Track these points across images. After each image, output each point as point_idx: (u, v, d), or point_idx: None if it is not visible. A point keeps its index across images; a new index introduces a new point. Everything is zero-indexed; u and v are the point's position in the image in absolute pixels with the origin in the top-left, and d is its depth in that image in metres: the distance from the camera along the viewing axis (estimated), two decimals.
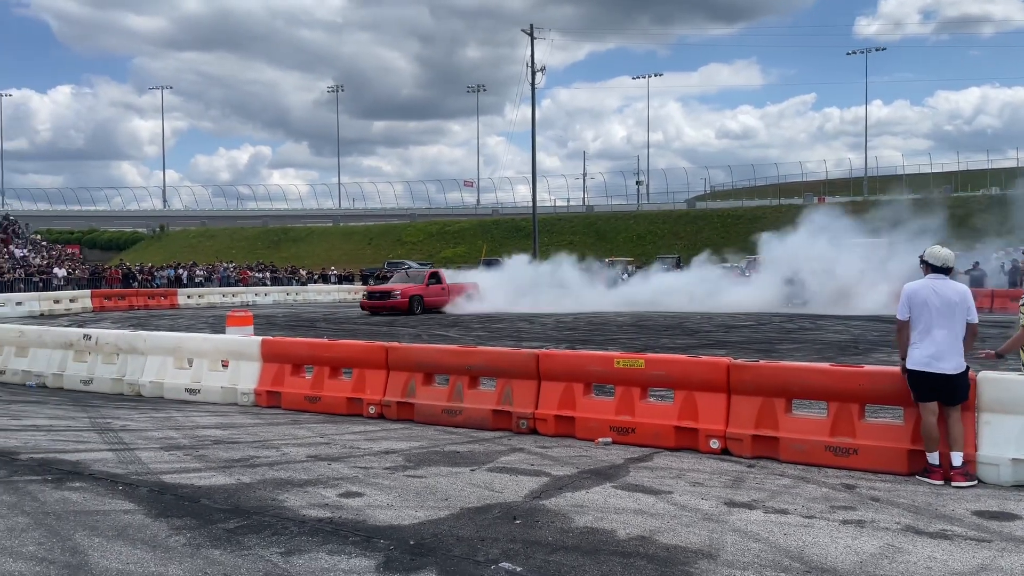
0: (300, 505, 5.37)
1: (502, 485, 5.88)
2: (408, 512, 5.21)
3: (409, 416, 8.48)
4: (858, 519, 5.06)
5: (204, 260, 51.65)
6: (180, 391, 10.13)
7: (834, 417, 6.51)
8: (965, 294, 6.01)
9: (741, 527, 4.90)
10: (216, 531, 4.83)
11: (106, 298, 32.99)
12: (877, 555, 4.42)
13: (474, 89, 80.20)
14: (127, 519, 5.09)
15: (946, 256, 6.12)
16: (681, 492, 5.70)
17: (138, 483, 5.96)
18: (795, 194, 62.09)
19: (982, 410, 6.00)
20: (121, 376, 10.71)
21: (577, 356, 8.07)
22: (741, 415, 6.85)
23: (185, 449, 7.14)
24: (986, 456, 5.91)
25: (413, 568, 4.23)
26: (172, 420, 8.65)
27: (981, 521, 5.03)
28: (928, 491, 5.72)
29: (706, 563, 4.29)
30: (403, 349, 8.90)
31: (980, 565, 4.27)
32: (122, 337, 11.10)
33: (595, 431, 7.42)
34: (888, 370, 6.73)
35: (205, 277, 43.84)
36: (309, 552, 4.47)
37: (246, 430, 8.07)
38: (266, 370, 9.63)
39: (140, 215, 79.96)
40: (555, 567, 4.23)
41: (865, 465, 6.28)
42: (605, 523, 4.97)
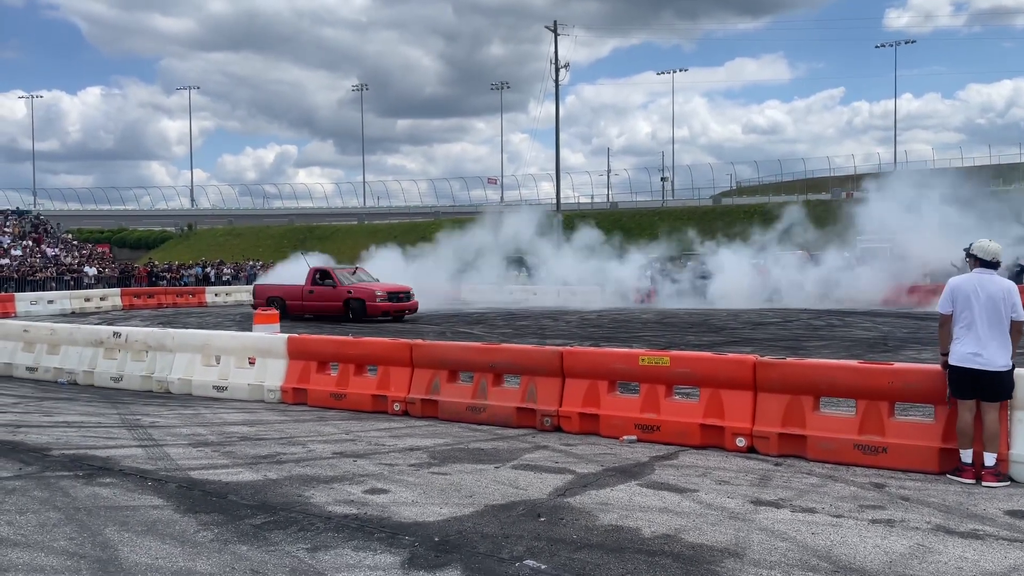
0: (326, 501, 5.40)
1: (526, 482, 5.87)
2: (433, 509, 5.23)
3: (433, 413, 8.51)
4: (887, 518, 5.00)
5: (231, 258, 52.16)
6: (208, 388, 10.24)
7: (863, 415, 6.42)
8: (1011, 290, 5.88)
9: (768, 526, 4.86)
10: (243, 527, 4.88)
11: (135, 296, 33.42)
12: (907, 555, 4.36)
13: (498, 86, 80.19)
14: (156, 514, 5.15)
15: (995, 250, 5.98)
16: (707, 490, 5.66)
17: (167, 479, 6.03)
18: (822, 189, 61.37)
19: (1016, 408, 5.89)
20: (150, 373, 10.84)
21: (601, 354, 8.05)
22: (768, 413, 6.79)
23: (213, 445, 7.22)
24: (1018, 455, 5.80)
25: (438, 565, 4.24)
26: (200, 417, 8.75)
27: (1014, 521, 4.94)
28: (959, 490, 5.63)
29: (732, 562, 4.26)
30: (427, 346, 8.93)
31: (1012, 565, 4.19)
32: (151, 335, 11.24)
33: (620, 429, 7.39)
34: (918, 367, 6.63)
35: (232, 275, 44.30)
36: (335, 548, 4.49)
37: (272, 427, 8.14)
38: (292, 367, 9.70)
39: (168, 214, 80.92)
40: (580, 565, 4.22)
41: (895, 464, 6.19)
42: (630, 521, 4.95)
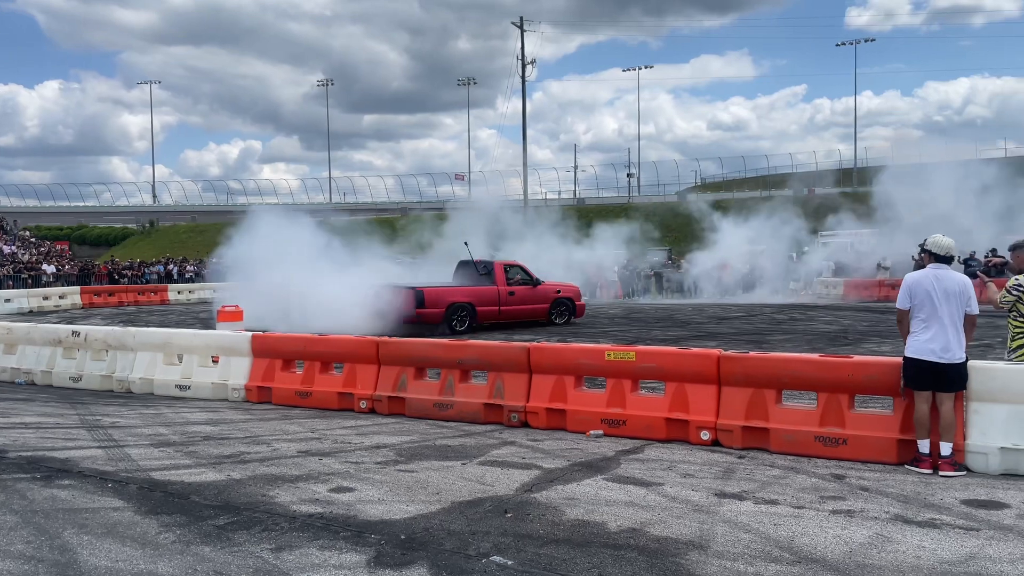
0: (291, 501, 5.36)
1: (493, 478, 5.88)
2: (399, 506, 5.21)
3: (400, 410, 8.47)
4: (847, 509, 5.09)
5: (194, 255, 51.38)
6: (170, 387, 10.10)
7: (824, 407, 6.53)
8: (966, 284, 6.02)
9: (731, 518, 4.92)
10: (206, 528, 4.82)
11: (95, 294, 32.78)
12: (866, 544, 4.44)
13: (465, 82, 79.96)
14: (116, 516, 5.07)
15: (948, 245, 6.13)
16: (672, 484, 5.71)
17: (128, 480, 5.93)
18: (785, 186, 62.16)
19: (971, 399, 6.03)
20: (110, 373, 10.66)
21: (568, 349, 8.08)
22: (731, 406, 6.87)
23: (175, 446, 7.12)
24: (974, 445, 5.94)
25: (404, 562, 4.22)
26: (162, 416, 8.62)
27: (970, 510, 5.06)
28: (917, 480, 5.75)
29: (697, 554, 4.30)
30: (394, 343, 8.89)
31: (968, 554, 4.29)
32: (111, 333, 11.04)
33: (586, 424, 7.43)
34: (877, 360, 6.75)
35: (196, 272, 43.66)
36: (300, 548, 4.46)
37: (236, 426, 8.05)
38: (256, 365, 9.60)
39: (130, 210, 79.45)
40: (546, 560, 4.24)
41: (854, 455, 6.30)
42: (596, 515, 4.98)
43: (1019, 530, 4.66)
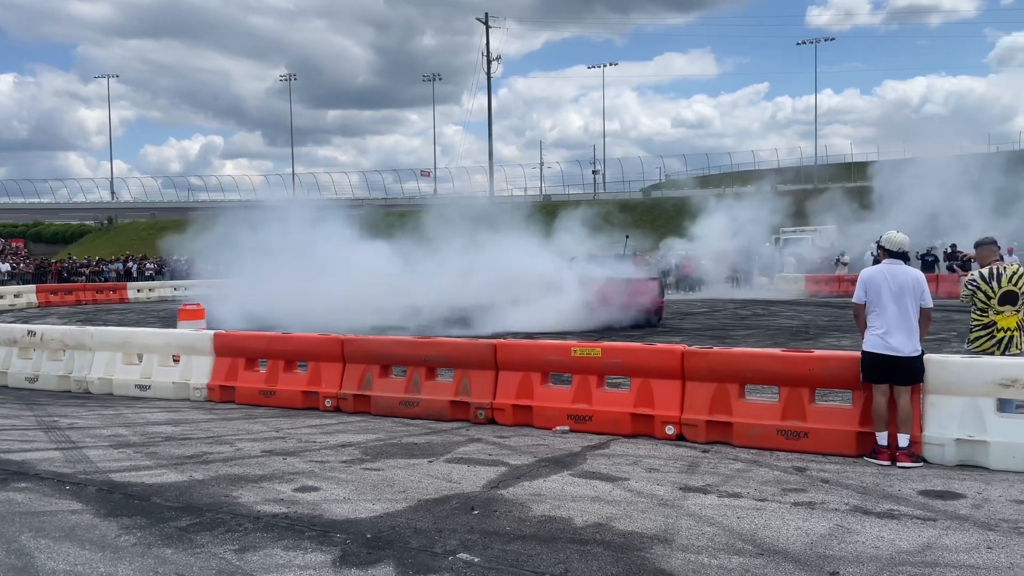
0: (255, 501, 5.30)
1: (460, 476, 5.87)
2: (365, 505, 5.18)
3: (366, 409, 8.42)
4: (808, 501, 5.17)
5: (154, 253, 50.51)
6: (130, 387, 9.92)
7: (785, 401, 6.63)
8: (919, 279, 6.16)
9: (696, 511, 4.97)
10: (168, 529, 4.75)
11: (52, 293, 32.08)
12: (827, 536, 4.52)
13: (430, 78, 79.64)
14: (75, 519, 4.97)
15: (901, 241, 6.27)
16: (637, 478, 5.76)
17: (86, 482, 5.82)
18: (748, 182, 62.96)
19: (927, 392, 6.17)
20: (68, 373, 10.45)
21: (534, 346, 8.10)
22: (696, 401, 6.94)
23: (135, 447, 7.00)
24: (931, 437, 6.08)
25: (370, 561, 4.20)
26: (122, 417, 8.46)
27: (926, 500, 5.18)
28: (876, 472, 5.86)
29: (661, 548, 4.34)
30: (359, 341, 8.83)
31: (926, 544, 4.39)
32: (68, 333, 10.82)
33: (553, 420, 7.45)
34: (837, 354, 6.88)
35: (156, 270, 42.92)
36: (264, 548, 4.41)
37: (199, 426, 7.94)
38: (219, 364, 9.47)
39: (87, 207, 77.79)
40: (512, 556, 4.25)
41: (815, 448, 6.41)
42: (562, 511, 5.00)
43: (974, 520, 4.78)
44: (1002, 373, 5.91)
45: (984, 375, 5.97)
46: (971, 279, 6.68)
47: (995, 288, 6.47)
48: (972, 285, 6.62)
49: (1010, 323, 6.46)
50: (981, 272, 6.63)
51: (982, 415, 5.94)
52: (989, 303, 6.51)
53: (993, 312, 6.51)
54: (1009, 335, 6.47)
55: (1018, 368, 5.91)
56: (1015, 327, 6.48)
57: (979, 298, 6.56)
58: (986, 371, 5.99)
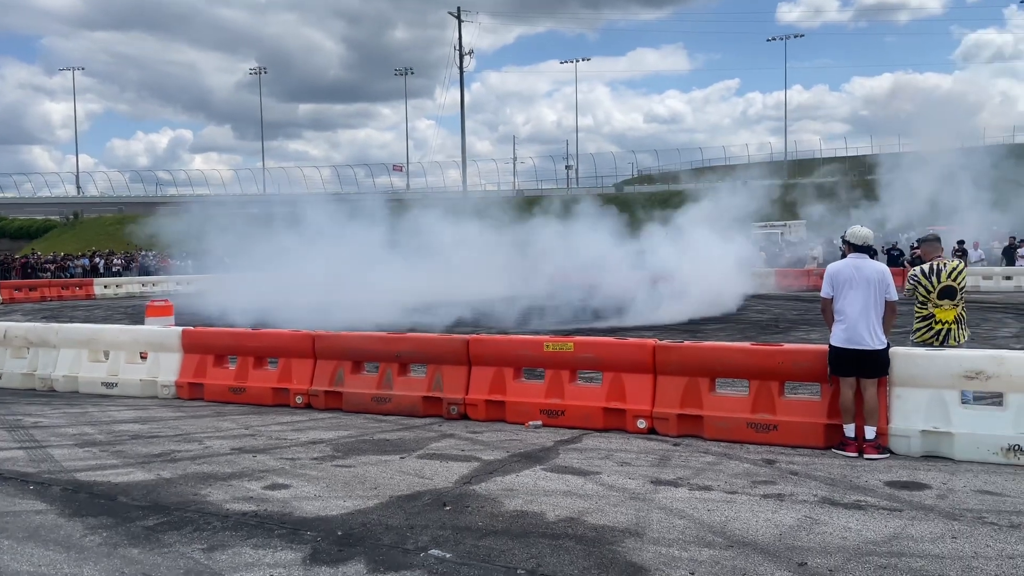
0: (223, 499, 5.24)
1: (432, 472, 5.86)
2: (336, 502, 5.14)
3: (337, 405, 8.37)
4: (778, 493, 5.23)
5: (122, 248, 49.75)
6: (96, 385, 9.76)
7: (755, 395, 6.69)
8: (884, 272, 6.25)
9: (667, 504, 5.00)
10: (134, 529, 4.68)
11: (16, 289, 31.45)
12: (795, 527, 4.57)
13: (402, 72, 79.20)
14: (39, 520, 4.88)
15: (866, 235, 6.37)
16: (609, 472, 5.78)
17: (51, 482, 5.72)
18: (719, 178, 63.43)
19: (894, 384, 6.26)
20: (32, 370, 10.25)
21: (507, 341, 8.09)
22: (667, 395, 6.98)
23: (101, 445, 6.89)
24: (897, 428, 6.17)
25: (341, 559, 4.17)
26: (87, 415, 8.33)
27: (893, 491, 5.26)
28: (843, 463, 5.94)
29: (633, 541, 4.36)
30: (330, 337, 8.76)
31: (892, 534, 4.46)
32: (32, 330, 10.62)
33: (525, 415, 7.46)
34: (806, 348, 6.95)
35: (123, 266, 42.25)
36: (233, 547, 4.36)
37: (166, 424, 7.83)
38: (187, 361, 9.35)
39: (52, 202, 76.36)
40: (485, 552, 4.24)
41: (784, 440, 6.48)
42: (535, 506, 5.01)
43: (939, 510, 4.86)
44: (966, 365, 6.02)
45: (949, 367, 6.08)
46: (913, 274, 6.88)
47: (934, 283, 6.67)
48: (914, 280, 6.82)
49: (948, 316, 6.65)
50: (922, 268, 6.83)
51: (947, 407, 6.04)
52: (929, 297, 6.70)
53: (932, 306, 6.71)
54: (947, 328, 6.67)
55: (982, 360, 6.02)
56: (952, 320, 6.70)
57: (920, 292, 6.75)
58: (951, 363, 6.09)
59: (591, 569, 4.00)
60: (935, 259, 6.82)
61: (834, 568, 3.97)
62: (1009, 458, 5.80)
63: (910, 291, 6.86)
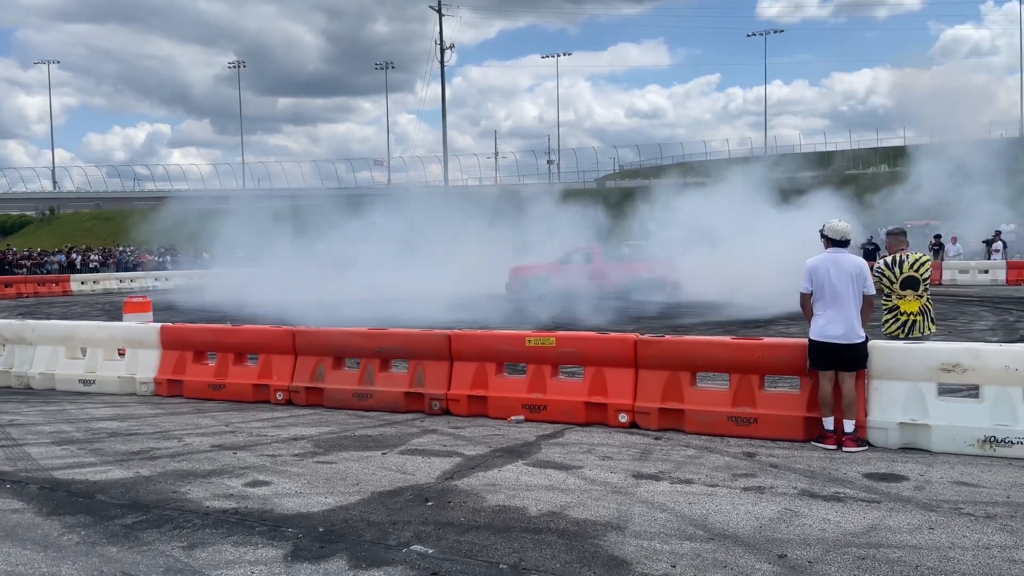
0: (203, 496, 5.20)
1: (414, 467, 5.84)
2: (317, 499, 5.12)
3: (319, 401, 8.33)
4: (758, 485, 5.27)
5: (99, 244, 49.19)
6: (73, 382, 9.65)
7: (736, 388, 6.74)
8: (862, 267, 6.30)
9: (648, 498, 5.03)
10: (113, 527, 4.63)
11: None
12: (775, 519, 4.61)
13: (382, 66, 78.77)
14: (15, 519, 4.82)
15: (844, 229, 6.39)
16: (591, 467, 5.79)
17: (27, 480, 5.65)
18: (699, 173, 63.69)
19: (872, 377, 6.32)
20: (8, 368, 10.12)
21: (489, 336, 8.08)
22: (648, 389, 7.01)
23: (79, 443, 6.81)
24: (875, 421, 6.23)
25: (322, 555, 4.16)
26: (65, 413, 8.23)
27: (871, 483, 5.31)
28: (822, 456, 5.99)
29: (615, 535, 4.38)
30: (311, 333, 8.71)
31: (870, 525, 4.50)
32: (8, 326, 10.48)
33: (508, 410, 7.46)
34: (785, 341, 7.01)
35: (100, 262, 41.78)
36: (213, 544, 4.33)
37: (145, 421, 7.76)
38: (166, 358, 9.27)
39: (28, 197, 75.30)
40: (467, 547, 4.24)
41: (765, 433, 6.53)
42: (517, 500, 5.01)
43: (917, 501, 4.91)
44: (943, 358, 6.09)
45: (926, 360, 6.14)
46: (877, 266, 6.98)
47: (897, 273, 6.78)
48: (878, 271, 6.91)
49: (912, 307, 6.76)
50: (886, 259, 6.94)
51: (924, 399, 6.11)
52: (892, 288, 6.81)
53: (896, 297, 6.80)
54: (912, 319, 6.77)
55: (959, 353, 6.10)
56: (918, 312, 6.81)
57: (884, 284, 6.84)
58: (928, 356, 6.16)
59: (573, 563, 4.01)
60: (899, 251, 6.92)
61: (813, 559, 4.01)
62: (985, 449, 5.88)
63: (876, 282, 6.95)
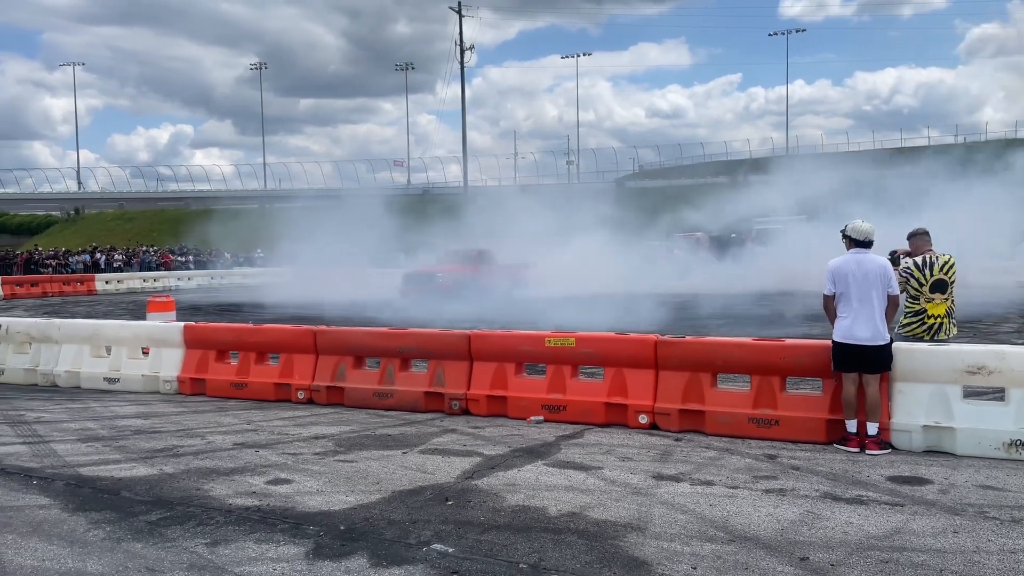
0: (226, 494, 5.25)
1: (434, 467, 5.86)
2: (338, 497, 5.15)
3: (339, 400, 8.37)
4: (779, 488, 5.23)
5: (123, 244, 49.79)
6: (98, 380, 9.77)
7: (757, 390, 6.69)
8: (886, 267, 6.23)
9: (668, 500, 5.01)
10: (138, 524, 4.69)
11: (18, 285, 31.50)
12: (797, 522, 4.58)
13: (403, 67, 79.07)
14: (43, 514, 4.89)
15: (867, 230, 6.32)
16: (611, 467, 5.78)
17: (54, 477, 5.73)
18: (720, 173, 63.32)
19: (895, 380, 6.26)
20: (34, 366, 10.27)
21: (509, 336, 8.09)
22: (668, 390, 6.99)
23: (104, 440, 6.90)
24: (899, 424, 6.17)
25: (344, 553, 4.18)
26: (90, 411, 8.34)
27: (895, 486, 5.26)
28: (845, 459, 5.94)
29: (635, 536, 4.37)
30: (332, 332, 8.77)
31: (894, 528, 4.46)
32: (34, 325, 10.63)
33: (527, 410, 7.46)
34: (808, 343, 6.95)
35: (124, 262, 42.27)
36: (236, 541, 4.37)
37: (169, 419, 7.84)
38: (189, 356, 9.36)
39: (53, 197, 76.37)
40: (487, 546, 4.25)
41: (786, 435, 6.48)
42: (536, 501, 5.01)
43: (941, 505, 4.86)
44: (968, 360, 6.01)
45: (951, 362, 6.07)
46: (905, 267, 6.87)
47: (927, 276, 6.67)
48: (906, 272, 6.80)
49: (939, 310, 6.67)
50: (915, 260, 6.82)
51: (949, 402, 6.04)
52: (921, 290, 6.71)
53: (924, 299, 6.71)
54: (939, 322, 6.68)
55: (984, 355, 6.02)
56: (944, 314, 6.71)
57: (912, 285, 6.75)
58: (953, 358, 6.09)
59: (593, 564, 4.01)
60: (926, 252, 6.81)
61: (836, 562, 3.98)
62: (1011, 453, 5.80)
63: (901, 284, 6.86)
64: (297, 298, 22.76)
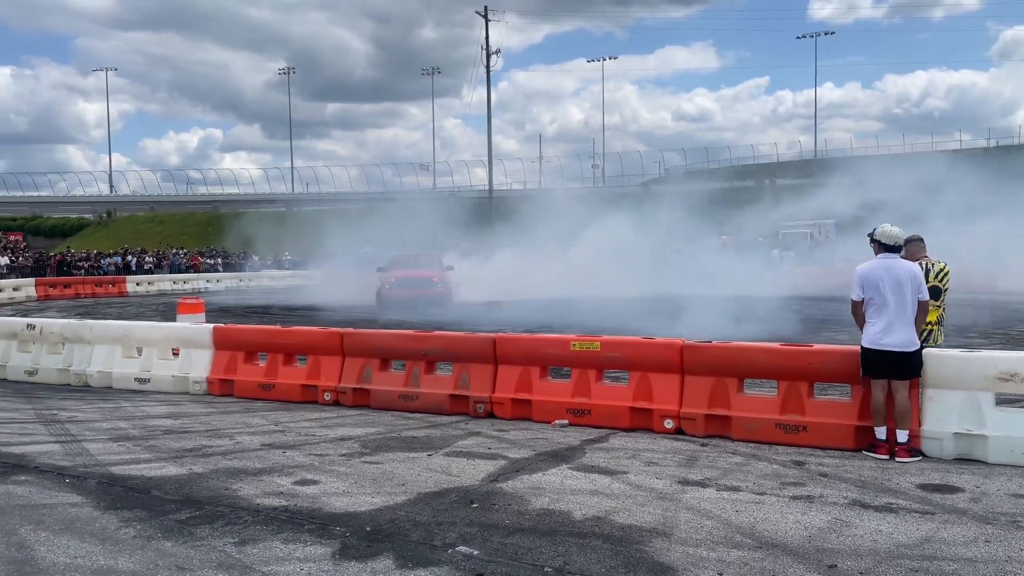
0: (254, 494, 5.31)
1: (459, 469, 5.88)
2: (364, 498, 5.19)
3: (365, 402, 8.43)
4: (807, 495, 5.18)
5: (153, 246, 50.50)
6: (129, 381, 9.92)
7: (784, 395, 6.63)
8: (915, 272, 6.15)
9: (694, 505, 4.98)
10: (167, 522, 4.76)
11: (51, 286, 32.07)
12: (825, 529, 4.53)
13: (429, 71, 79.47)
14: (75, 512, 4.98)
15: (897, 235, 6.24)
16: (636, 472, 5.77)
17: (86, 475, 5.83)
18: (748, 176, 62.82)
19: (926, 386, 6.17)
20: (67, 366, 10.44)
21: (534, 339, 8.09)
22: (694, 395, 6.95)
23: (135, 440, 7.01)
24: (929, 431, 6.08)
25: (370, 554, 4.21)
26: (121, 410, 8.47)
27: (925, 494, 5.19)
28: (874, 466, 5.87)
29: (660, 541, 4.35)
30: (359, 335, 8.83)
31: (924, 537, 4.40)
32: (68, 326, 10.81)
33: (552, 414, 7.46)
34: (836, 348, 6.87)
35: (155, 264, 42.88)
36: (264, 541, 4.42)
37: (198, 419, 7.94)
38: (218, 358, 9.47)
39: (86, 200, 77.67)
40: (512, 549, 4.26)
41: (814, 442, 6.42)
42: (561, 504, 5.01)
43: (972, 513, 4.79)
44: (1001, 367, 5.92)
45: (983, 369, 5.98)
46: None
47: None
48: None
49: (931, 317, 6.57)
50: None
51: (981, 409, 5.95)
52: None
53: None
54: (929, 329, 6.59)
55: (1017, 362, 5.92)
56: (935, 322, 6.62)
57: None
58: (985, 365, 5.99)
59: (618, 568, 4.00)
60: (921, 259, 6.72)
61: (864, 571, 3.94)
62: None
63: None
64: (325, 300, 23.02)
